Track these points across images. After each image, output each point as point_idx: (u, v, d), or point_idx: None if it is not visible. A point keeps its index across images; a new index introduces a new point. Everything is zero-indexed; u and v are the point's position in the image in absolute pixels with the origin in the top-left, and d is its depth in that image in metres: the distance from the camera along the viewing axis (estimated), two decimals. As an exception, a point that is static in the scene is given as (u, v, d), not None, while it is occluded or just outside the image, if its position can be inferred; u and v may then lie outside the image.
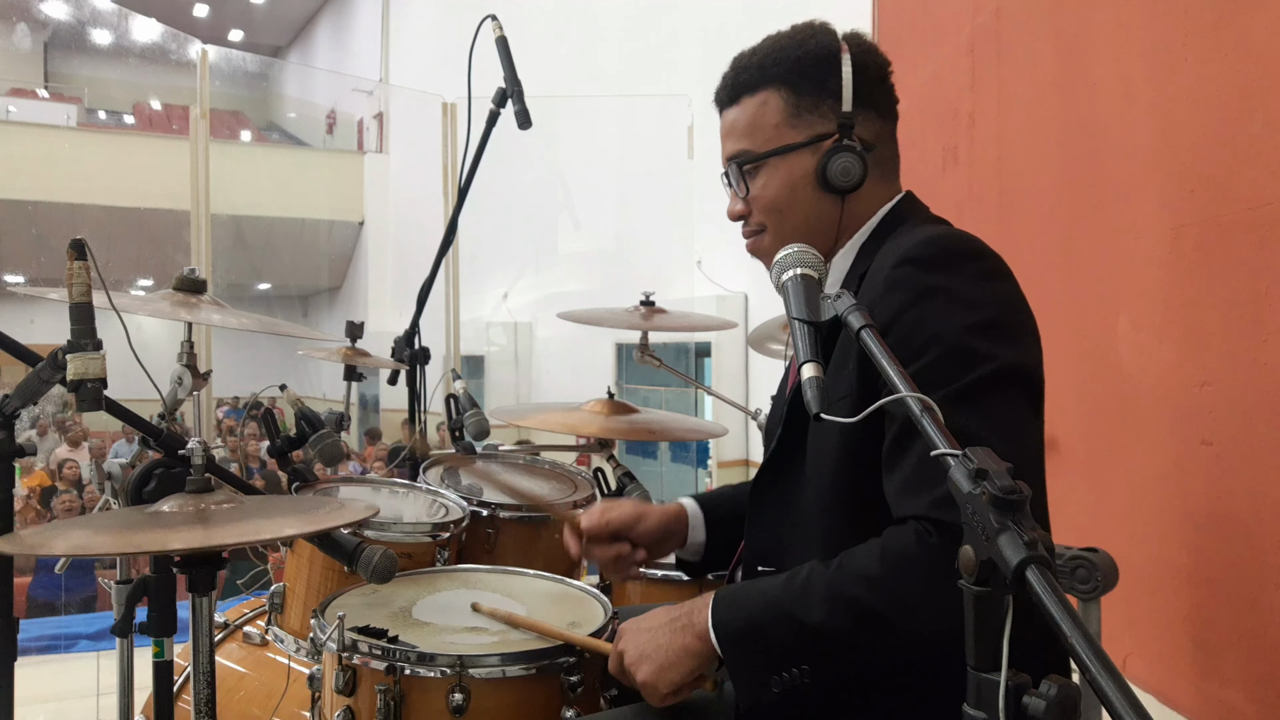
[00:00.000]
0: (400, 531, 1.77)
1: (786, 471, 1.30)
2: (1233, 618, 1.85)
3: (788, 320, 1.02)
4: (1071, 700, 0.72)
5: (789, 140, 1.28)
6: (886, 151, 1.33)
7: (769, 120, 1.29)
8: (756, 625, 1.09)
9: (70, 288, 1.30)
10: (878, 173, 1.31)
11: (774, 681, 1.07)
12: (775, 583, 1.12)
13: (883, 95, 1.32)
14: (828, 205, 1.29)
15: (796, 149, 1.28)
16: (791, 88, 1.28)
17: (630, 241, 7.81)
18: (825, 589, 1.06)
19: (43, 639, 4.41)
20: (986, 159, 2.77)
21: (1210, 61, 1.91)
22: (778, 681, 1.07)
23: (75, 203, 11.21)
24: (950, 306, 1.10)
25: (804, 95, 1.28)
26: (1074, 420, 2.37)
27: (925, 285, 1.12)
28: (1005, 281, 1.19)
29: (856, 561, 1.07)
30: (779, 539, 1.29)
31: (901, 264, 1.15)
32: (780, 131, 1.29)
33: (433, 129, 7.42)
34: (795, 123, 1.28)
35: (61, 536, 1.21)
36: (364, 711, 1.34)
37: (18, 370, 1.50)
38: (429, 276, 2.36)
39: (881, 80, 1.32)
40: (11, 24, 14.51)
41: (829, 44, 1.29)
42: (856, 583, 1.05)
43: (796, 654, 1.07)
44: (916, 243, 1.18)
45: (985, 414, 1.05)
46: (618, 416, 2.28)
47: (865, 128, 1.29)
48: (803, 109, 1.28)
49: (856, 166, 1.25)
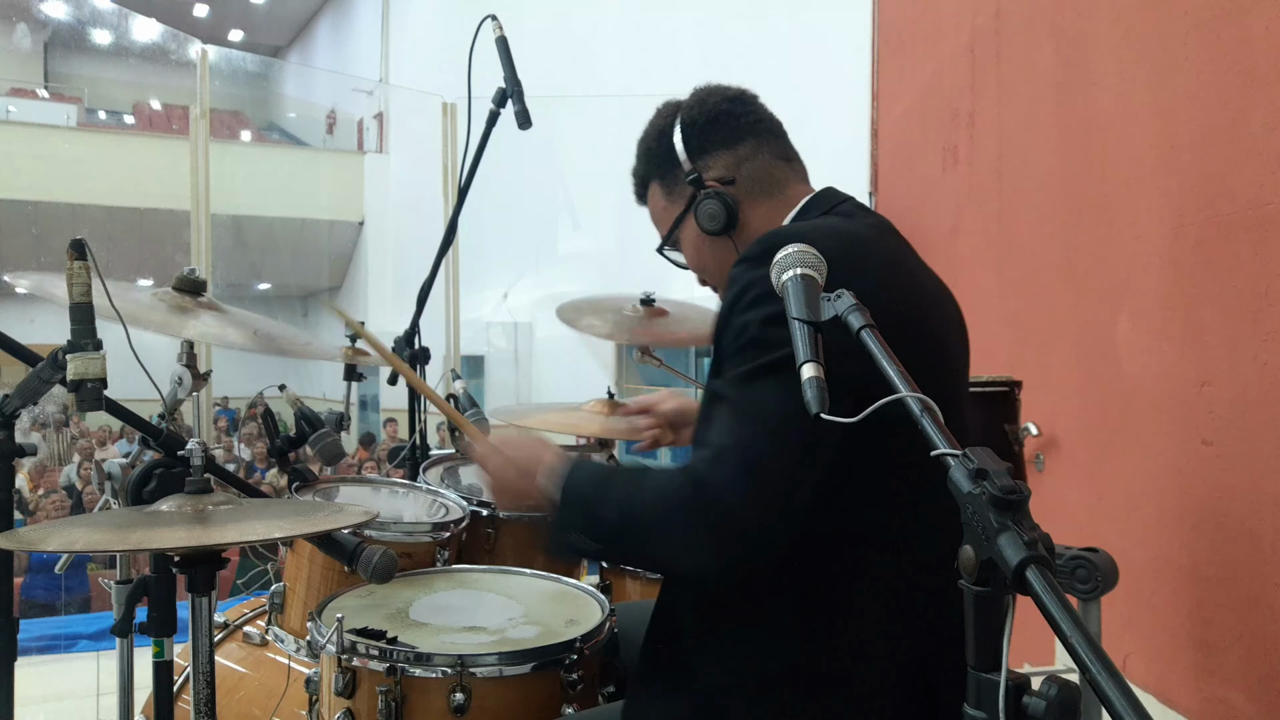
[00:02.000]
0: (400, 531, 1.77)
1: None
2: (1233, 618, 1.85)
3: (789, 320, 1.02)
4: (1071, 700, 0.72)
5: (675, 215, 1.44)
6: (754, 172, 1.39)
7: (659, 207, 1.48)
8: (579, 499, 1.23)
9: (70, 288, 1.30)
10: (754, 195, 1.39)
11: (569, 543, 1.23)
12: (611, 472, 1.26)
13: (721, 131, 1.41)
14: (726, 246, 1.39)
15: (683, 217, 1.43)
16: (657, 176, 1.46)
17: (630, 241, 7.80)
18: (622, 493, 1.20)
19: (43, 639, 4.41)
20: (986, 159, 2.77)
21: (1210, 61, 1.91)
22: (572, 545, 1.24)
23: (75, 203, 11.22)
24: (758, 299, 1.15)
25: (666, 175, 1.44)
26: (1074, 420, 2.37)
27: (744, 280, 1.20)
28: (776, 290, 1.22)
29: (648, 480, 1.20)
30: None
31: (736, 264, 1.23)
32: (668, 212, 1.45)
33: (433, 129, 7.42)
34: (672, 199, 1.44)
35: (59, 534, 1.21)
36: (364, 713, 1.34)
37: (18, 370, 1.50)
38: (429, 276, 2.36)
39: (713, 121, 1.41)
40: (11, 24, 14.52)
41: (662, 124, 1.45)
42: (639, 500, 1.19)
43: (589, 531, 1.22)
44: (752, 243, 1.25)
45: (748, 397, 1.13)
46: (618, 416, 2.28)
47: (716, 169, 1.39)
48: (670, 185, 1.44)
49: (718, 207, 1.37)
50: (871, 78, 3.46)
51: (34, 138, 12.53)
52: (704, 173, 1.39)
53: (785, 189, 1.40)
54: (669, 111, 1.46)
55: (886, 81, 3.43)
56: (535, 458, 1.30)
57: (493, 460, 1.37)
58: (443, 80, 7.34)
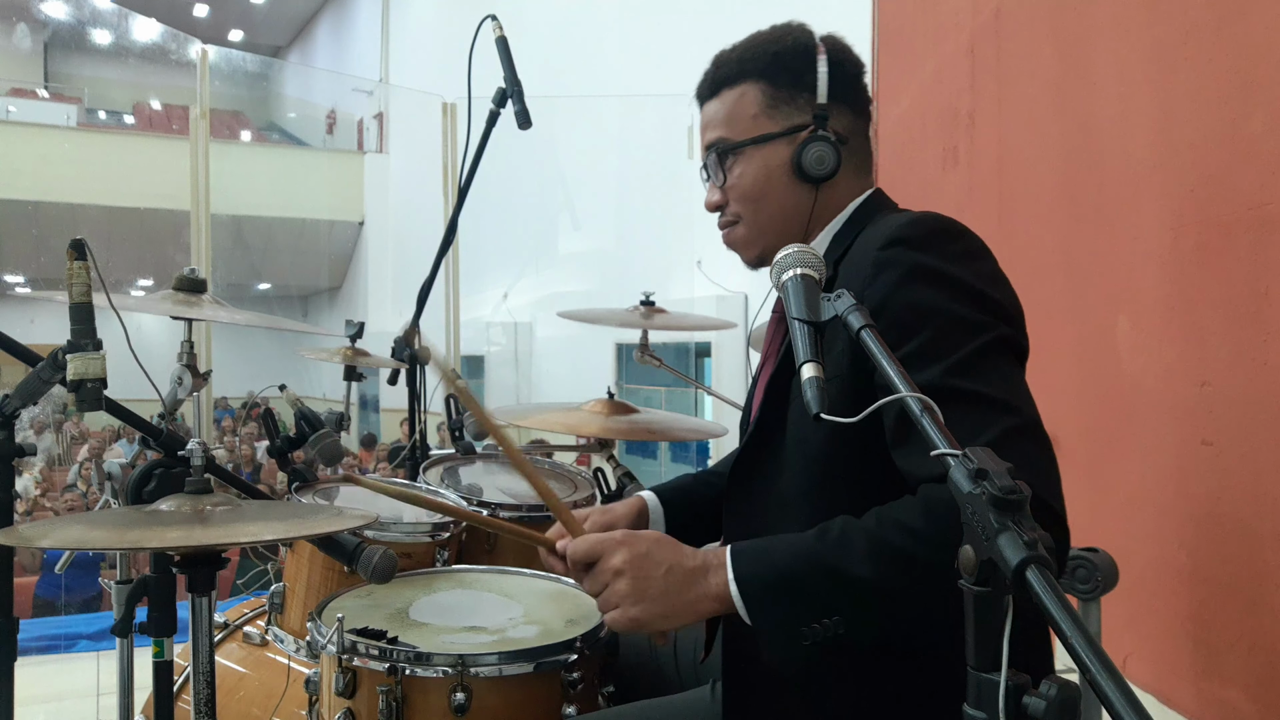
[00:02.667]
0: (400, 532, 1.77)
1: (765, 461, 1.31)
2: (1233, 618, 1.85)
3: (788, 320, 1.02)
4: (1071, 700, 0.72)
5: (765, 130, 1.32)
6: (859, 146, 1.37)
7: (746, 111, 1.33)
8: (787, 576, 1.08)
9: (70, 288, 1.30)
10: (851, 165, 1.35)
11: (805, 634, 1.07)
12: (802, 537, 1.10)
13: (857, 93, 1.37)
14: (802, 194, 1.32)
15: (773, 139, 1.32)
16: (769, 80, 1.33)
17: (630, 241, 7.81)
18: (866, 540, 1.05)
19: (43, 639, 4.40)
20: (986, 159, 2.77)
21: (1210, 61, 1.91)
22: (808, 634, 1.06)
23: (75, 203, 11.21)
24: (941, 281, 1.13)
25: (781, 88, 1.32)
26: (1074, 420, 2.37)
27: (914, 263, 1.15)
28: (988, 260, 1.23)
29: (896, 515, 1.06)
30: (760, 528, 1.29)
31: (889, 245, 1.17)
32: (757, 121, 1.33)
33: (433, 129, 7.42)
34: (772, 114, 1.32)
35: (58, 532, 1.21)
36: (365, 713, 1.34)
37: (18, 370, 1.50)
38: (429, 276, 2.36)
39: (856, 79, 1.37)
40: (11, 24, 14.51)
41: (806, 41, 1.34)
42: (900, 533, 1.04)
43: (831, 605, 1.06)
44: (901, 224, 1.21)
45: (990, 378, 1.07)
46: (618, 416, 2.28)
47: (840, 121, 1.33)
48: (779, 101, 1.32)
49: (831, 156, 1.30)
50: (871, 78, 3.46)
51: (34, 138, 12.52)
52: (832, 116, 1.31)
53: (868, 175, 1.39)
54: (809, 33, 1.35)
55: (886, 81, 3.43)
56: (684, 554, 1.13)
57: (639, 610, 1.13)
58: (443, 80, 7.34)
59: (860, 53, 1.43)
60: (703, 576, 1.13)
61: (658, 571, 1.13)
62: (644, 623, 1.14)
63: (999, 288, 1.20)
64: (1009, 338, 1.15)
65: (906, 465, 1.10)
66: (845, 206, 1.35)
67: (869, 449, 1.14)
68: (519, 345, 9.85)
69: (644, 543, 1.16)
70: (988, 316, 1.13)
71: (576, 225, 9.04)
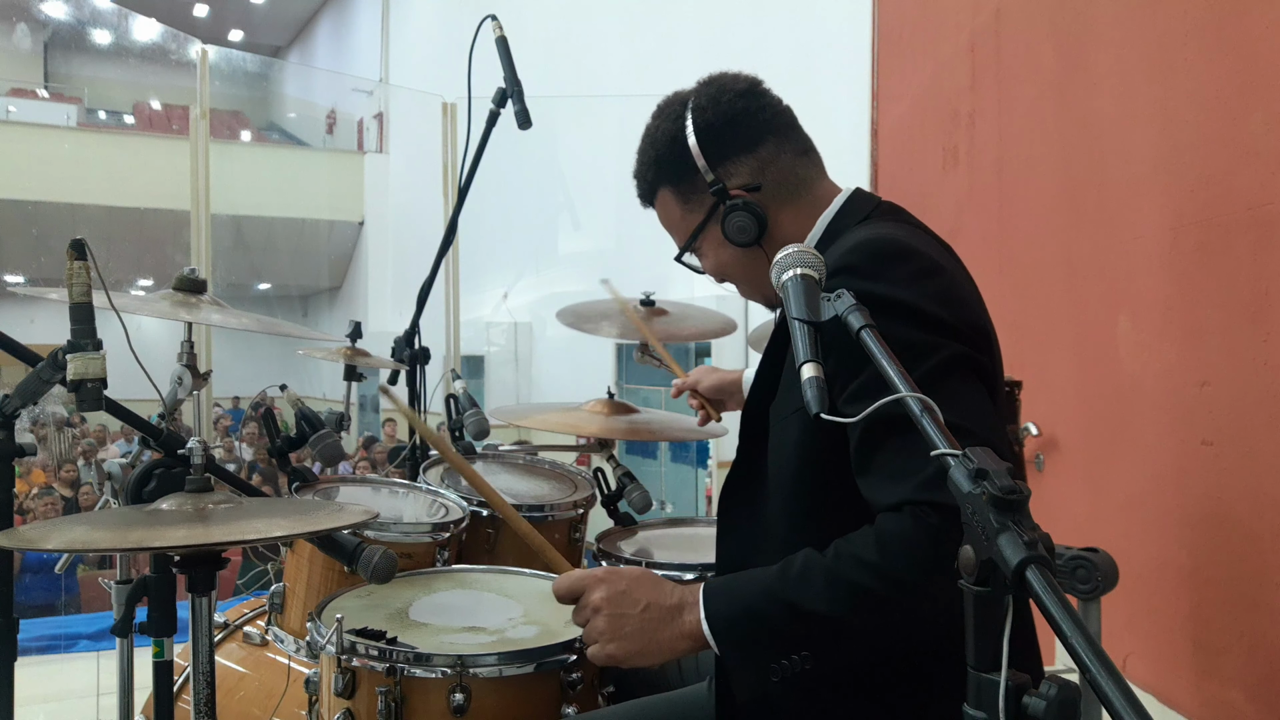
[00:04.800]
0: (400, 531, 1.77)
1: (748, 489, 1.31)
2: (1233, 618, 1.85)
3: (788, 320, 1.02)
4: (1071, 700, 0.72)
5: (694, 224, 1.36)
6: (779, 174, 1.33)
7: (674, 216, 1.39)
8: (754, 614, 1.10)
9: (70, 288, 1.30)
10: (781, 199, 1.33)
11: (774, 670, 1.08)
12: (768, 573, 1.12)
13: (740, 132, 1.33)
14: (755, 255, 1.33)
15: (704, 227, 1.35)
16: (669, 183, 1.37)
17: (630, 241, 7.80)
18: (824, 576, 1.07)
19: (43, 639, 4.40)
20: (986, 159, 2.77)
21: (1210, 61, 1.91)
22: (777, 670, 1.08)
23: (75, 203, 11.21)
24: (889, 309, 1.10)
25: (681, 182, 1.35)
26: (1074, 420, 2.37)
27: (860, 291, 1.10)
28: (937, 278, 1.19)
29: (853, 548, 1.08)
30: (748, 551, 1.30)
31: (835, 273, 1.16)
32: (686, 220, 1.37)
33: (433, 129, 7.41)
34: (689, 207, 1.36)
35: (59, 533, 1.21)
36: (364, 713, 1.34)
37: (18, 370, 1.50)
38: (429, 276, 2.36)
39: (730, 122, 1.33)
40: (11, 24, 14.51)
41: (671, 128, 1.34)
42: (856, 568, 1.06)
43: (797, 641, 1.07)
44: (844, 251, 1.20)
45: (949, 400, 1.04)
46: (618, 416, 2.28)
47: (739, 175, 1.32)
48: (687, 193, 1.35)
49: (748, 220, 1.30)
50: (871, 78, 3.46)
51: (34, 138, 12.52)
52: (727, 181, 1.31)
53: (811, 189, 1.35)
54: (675, 112, 1.35)
55: (886, 81, 3.43)
56: (663, 592, 1.16)
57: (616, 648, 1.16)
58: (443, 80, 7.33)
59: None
60: (679, 615, 1.14)
61: (635, 609, 1.16)
62: (620, 659, 1.16)
63: (950, 307, 1.17)
64: (961, 355, 1.13)
65: (868, 493, 1.11)
66: (809, 227, 1.33)
67: (845, 477, 1.14)
68: (519, 345, 9.85)
69: (623, 580, 1.18)
70: (937, 337, 1.12)
71: (576, 225, 9.04)
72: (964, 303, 1.21)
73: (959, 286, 1.23)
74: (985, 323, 1.26)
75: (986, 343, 1.23)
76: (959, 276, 1.26)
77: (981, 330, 1.23)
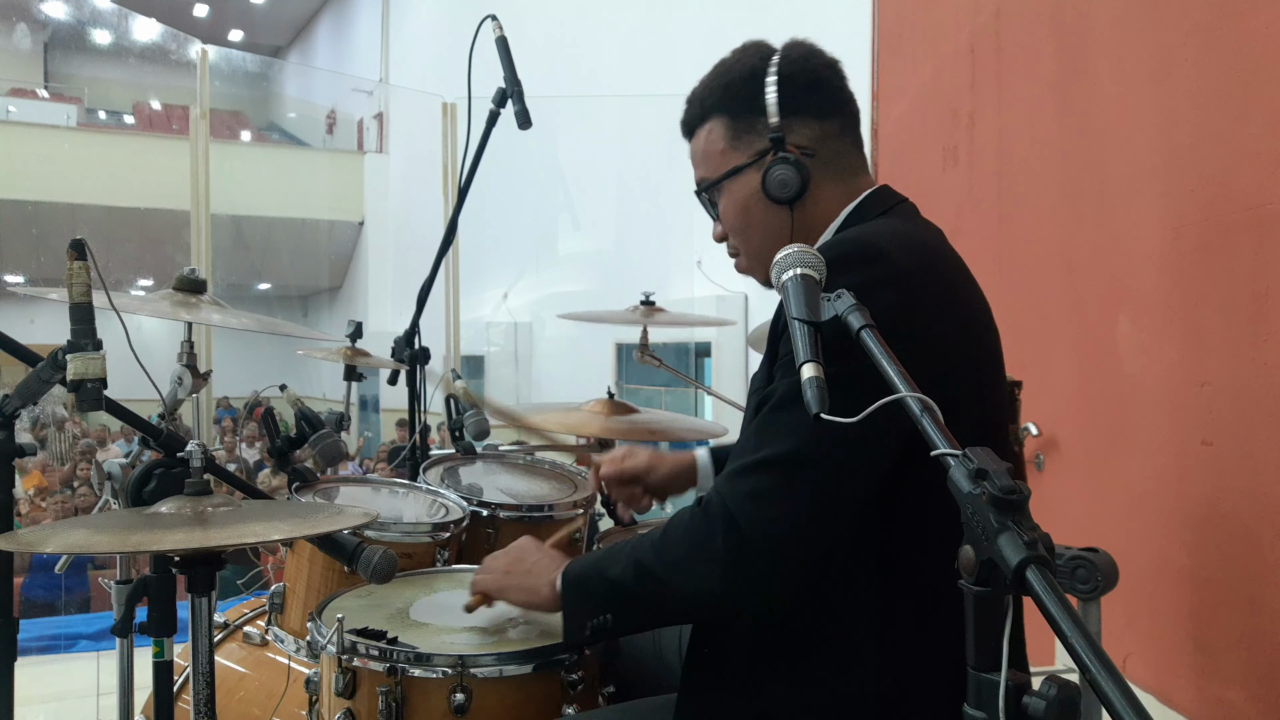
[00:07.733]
0: (400, 531, 1.77)
1: None
2: (1233, 618, 1.85)
3: (788, 320, 1.02)
4: (1071, 700, 0.72)
5: (735, 163, 1.34)
6: (834, 152, 1.33)
7: (715, 148, 1.36)
8: (580, 577, 1.28)
9: (70, 288, 1.30)
10: (827, 175, 1.32)
11: (587, 625, 1.25)
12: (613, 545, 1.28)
13: (819, 98, 1.33)
14: (782, 217, 1.31)
15: (743, 170, 1.33)
16: (727, 113, 1.34)
17: (630, 241, 7.81)
18: (629, 551, 1.22)
19: (43, 639, 4.40)
20: (986, 159, 2.77)
21: (1210, 61, 1.91)
22: (590, 626, 1.24)
23: (75, 203, 11.21)
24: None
25: (740, 118, 1.33)
26: (1074, 420, 2.37)
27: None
28: (892, 288, 1.15)
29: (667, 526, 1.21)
30: None
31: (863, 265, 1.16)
32: (726, 156, 1.35)
33: (433, 129, 7.42)
34: (737, 144, 1.34)
35: (60, 535, 1.21)
36: (364, 713, 1.34)
37: (18, 370, 1.50)
38: (429, 276, 2.36)
39: (814, 84, 1.33)
40: (11, 24, 14.50)
41: (754, 64, 1.34)
42: (647, 547, 1.21)
43: (603, 604, 1.24)
44: (824, 246, 1.20)
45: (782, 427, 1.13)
46: (618, 416, 2.28)
47: (801, 135, 1.31)
48: (741, 130, 1.33)
49: (793, 176, 1.28)
50: (871, 78, 3.46)
51: (34, 138, 12.53)
52: (788, 134, 1.30)
53: (855, 178, 1.35)
54: (763, 52, 1.35)
55: (886, 81, 3.43)
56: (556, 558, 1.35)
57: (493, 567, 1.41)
58: (443, 80, 7.35)
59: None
60: (555, 568, 1.31)
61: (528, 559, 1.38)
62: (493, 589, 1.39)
63: (893, 319, 1.08)
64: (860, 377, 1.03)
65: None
66: (833, 217, 1.33)
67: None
68: (519, 345, 9.86)
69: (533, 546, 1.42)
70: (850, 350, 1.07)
71: (576, 225, 9.04)
72: (919, 316, 1.16)
73: (925, 300, 1.18)
74: (972, 326, 1.25)
75: (960, 350, 1.22)
76: (941, 285, 1.23)
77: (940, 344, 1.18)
